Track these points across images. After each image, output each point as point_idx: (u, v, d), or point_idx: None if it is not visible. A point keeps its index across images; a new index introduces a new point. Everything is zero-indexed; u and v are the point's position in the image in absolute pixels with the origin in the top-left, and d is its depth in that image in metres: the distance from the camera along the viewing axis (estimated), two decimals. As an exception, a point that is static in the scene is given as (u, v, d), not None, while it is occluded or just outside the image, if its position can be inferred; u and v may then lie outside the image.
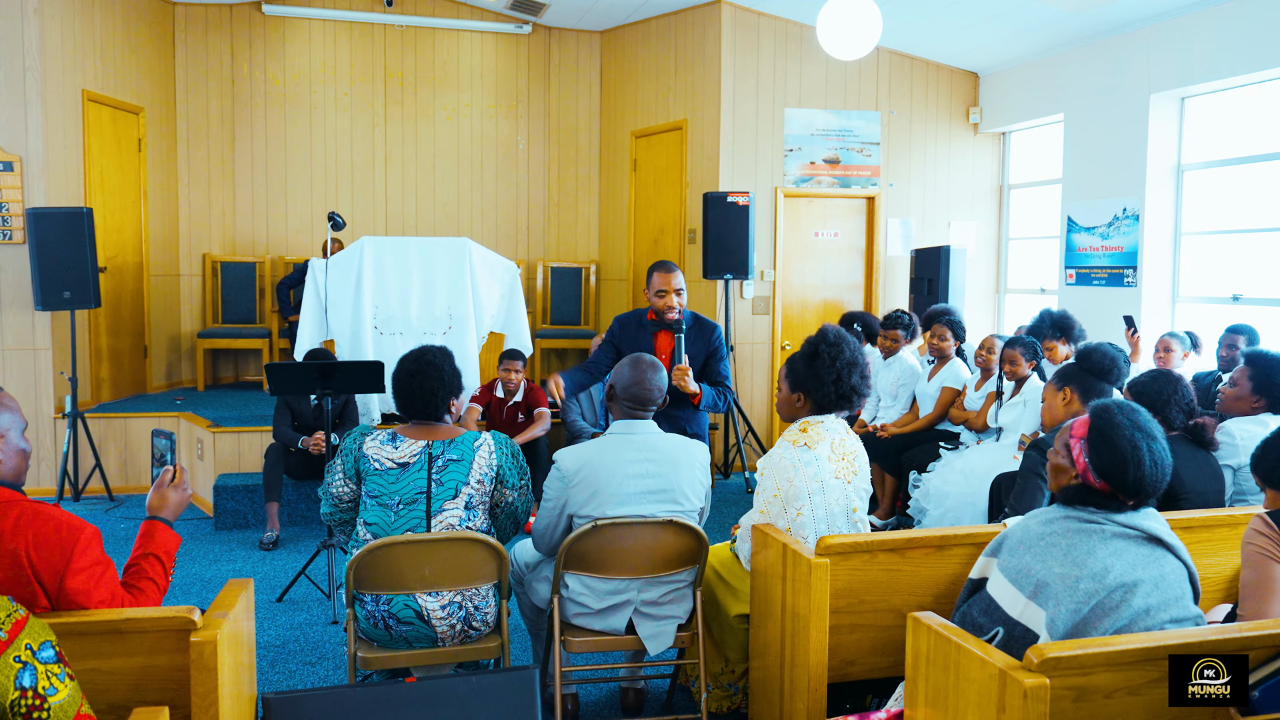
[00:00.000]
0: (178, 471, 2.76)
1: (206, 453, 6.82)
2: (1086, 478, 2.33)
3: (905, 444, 5.99)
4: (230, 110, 9.00)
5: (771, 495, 3.25)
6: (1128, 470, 2.27)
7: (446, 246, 6.86)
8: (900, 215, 8.64)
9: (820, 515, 3.21)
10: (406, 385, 3.32)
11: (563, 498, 3.31)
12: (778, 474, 3.24)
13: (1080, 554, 2.25)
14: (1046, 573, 2.27)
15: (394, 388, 3.36)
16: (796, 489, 3.20)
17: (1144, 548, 2.27)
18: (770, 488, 3.26)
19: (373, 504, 3.23)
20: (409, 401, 3.32)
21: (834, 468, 3.26)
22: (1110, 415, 2.33)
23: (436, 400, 3.31)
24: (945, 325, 6.15)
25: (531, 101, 9.64)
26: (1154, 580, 2.23)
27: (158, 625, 2.32)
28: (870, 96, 8.47)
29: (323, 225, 8.92)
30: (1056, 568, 2.26)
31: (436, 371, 3.33)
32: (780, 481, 3.23)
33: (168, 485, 2.73)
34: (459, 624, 3.20)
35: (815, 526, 3.20)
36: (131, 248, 8.17)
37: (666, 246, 8.78)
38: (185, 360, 8.96)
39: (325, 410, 5.10)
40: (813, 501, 3.21)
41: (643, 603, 3.34)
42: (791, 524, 3.20)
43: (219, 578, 5.42)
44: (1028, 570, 2.31)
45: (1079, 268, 7.62)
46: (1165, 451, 2.31)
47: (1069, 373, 3.70)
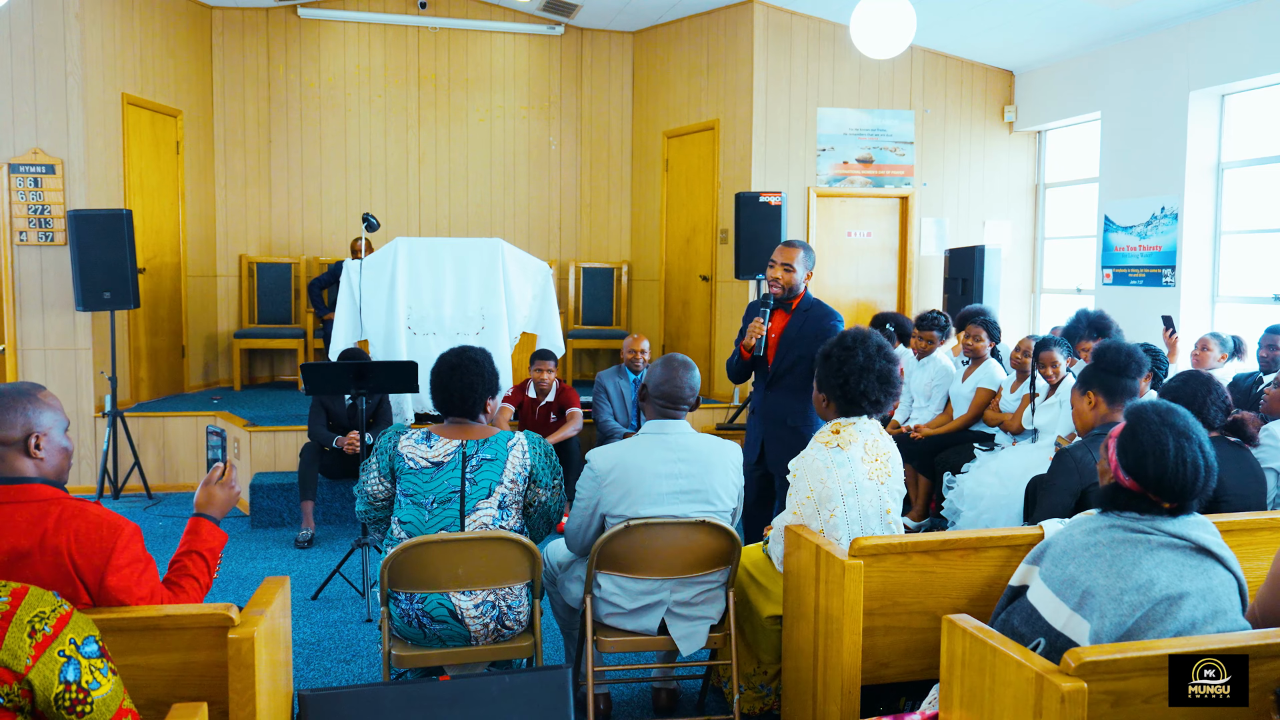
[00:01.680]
0: (227, 469, 2.79)
1: (243, 452, 6.90)
2: (1118, 476, 2.32)
3: (939, 445, 5.95)
4: (266, 113, 9.09)
5: (804, 497, 3.24)
6: (1148, 463, 2.25)
7: (479, 247, 6.89)
8: (934, 215, 8.58)
9: (854, 517, 3.19)
10: (446, 379, 3.34)
11: (595, 497, 3.31)
12: (810, 476, 3.23)
13: (1125, 565, 2.22)
14: (1091, 584, 2.23)
15: (432, 382, 3.38)
16: (829, 490, 3.18)
17: (1192, 558, 2.23)
18: (803, 489, 3.25)
19: (407, 503, 3.26)
20: (446, 396, 3.34)
21: (867, 469, 3.25)
22: (1143, 413, 2.32)
23: (475, 396, 3.33)
24: (980, 326, 6.10)
25: (564, 102, 9.66)
26: (1201, 592, 2.19)
27: (196, 622, 2.34)
28: (904, 95, 8.41)
29: (357, 226, 8.99)
30: (1101, 579, 2.22)
31: (477, 368, 3.35)
32: (813, 483, 3.22)
33: (215, 483, 2.76)
34: (492, 623, 3.21)
35: (848, 528, 3.18)
36: (170, 249, 8.27)
37: (698, 247, 8.77)
38: (222, 360, 9.06)
39: (360, 410, 5.14)
40: (845, 503, 3.19)
41: (675, 603, 3.34)
42: (824, 526, 3.19)
43: (255, 575, 5.48)
44: (1072, 581, 2.28)
45: (1116, 267, 7.53)
46: (1201, 453, 2.27)
47: (1088, 375, 3.66)
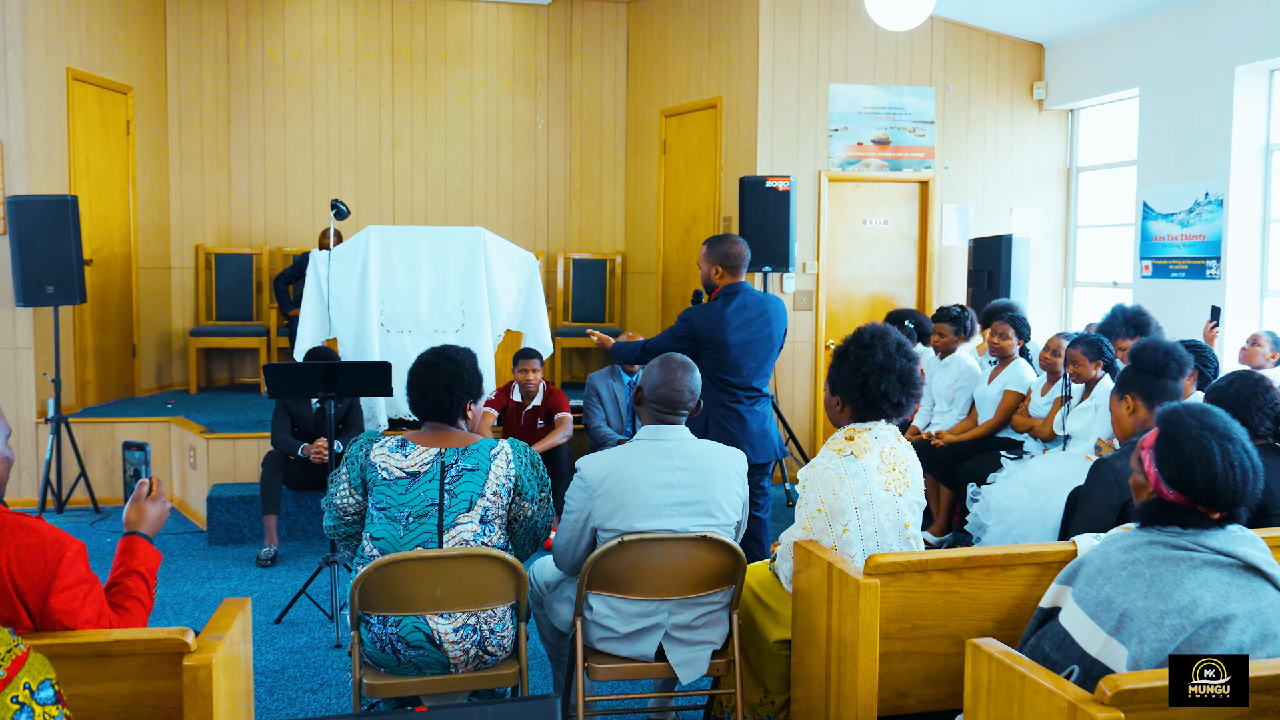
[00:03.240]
0: (154, 484, 2.79)
1: (199, 461, 6.89)
2: (1160, 490, 2.32)
3: (963, 453, 5.95)
4: (225, 90, 9.08)
5: (815, 509, 3.24)
6: (1195, 472, 2.25)
7: (459, 236, 6.89)
8: (957, 201, 8.58)
9: (869, 531, 3.19)
10: (423, 380, 3.34)
11: (586, 510, 3.31)
12: (821, 486, 3.22)
13: (1166, 585, 2.21)
14: (1129, 606, 2.23)
15: (408, 383, 3.38)
16: (842, 503, 3.18)
17: (1239, 577, 2.22)
18: (813, 501, 3.25)
19: (380, 517, 3.25)
20: (423, 399, 3.34)
21: (884, 479, 3.24)
22: (1177, 418, 2.32)
23: (451, 399, 3.33)
24: (1007, 322, 6.10)
25: (552, 78, 9.66)
26: (1249, 614, 2.18)
27: (149, 648, 2.34)
28: (924, 71, 8.42)
29: (325, 214, 8.98)
30: (1140, 601, 2.22)
31: (456, 368, 3.35)
32: (825, 494, 3.21)
33: (145, 498, 2.76)
34: (473, 648, 3.21)
35: (863, 544, 3.18)
36: (119, 238, 8.26)
37: (699, 236, 8.77)
38: (176, 360, 9.05)
39: (328, 415, 5.14)
40: (860, 516, 3.19)
41: (674, 626, 3.34)
42: (837, 541, 3.18)
43: (213, 597, 5.47)
44: (1108, 603, 2.27)
45: (1155, 258, 7.54)
46: (1246, 453, 2.27)
47: (1125, 377, 3.65)
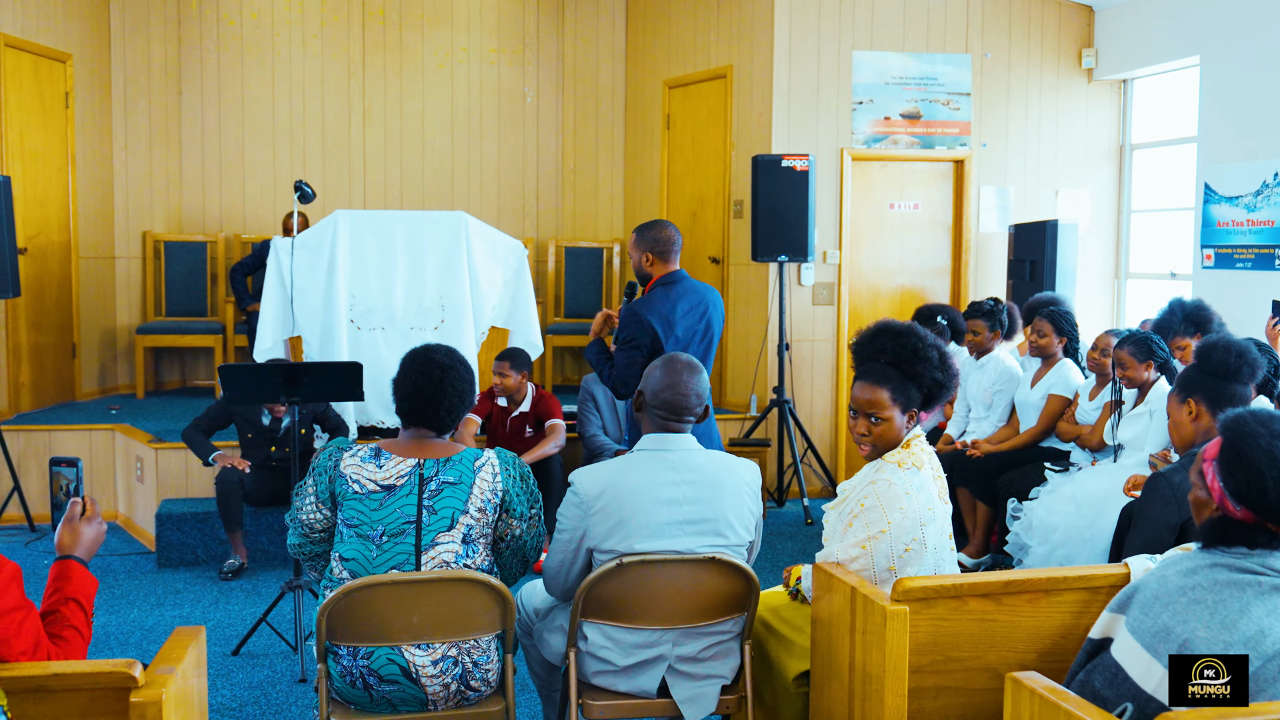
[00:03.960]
0: (87, 503, 2.79)
1: (147, 474, 6.89)
2: (1225, 506, 2.32)
3: (1001, 465, 5.95)
4: (176, 58, 9.09)
5: (879, 530, 3.17)
6: (1267, 486, 2.25)
7: (438, 222, 6.89)
8: (996, 183, 8.59)
9: (931, 549, 3.20)
10: (418, 380, 3.33)
11: (580, 528, 3.32)
12: (888, 504, 3.17)
13: (1230, 613, 2.21)
14: (1190, 636, 2.23)
15: (400, 377, 3.37)
16: (909, 521, 3.18)
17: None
18: (877, 522, 3.18)
19: (350, 535, 3.26)
20: (413, 393, 3.33)
21: (938, 488, 3.29)
22: (1243, 425, 2.33)
23: (453, 406, 3.34)
24: (1047, 319, 6.11)
25: (542, 45, 9.67)
26: None
27: (92, 682, 2.34)
28: (959, 36, 8.43)
29: (288, 197, 8.99)
30: (1201, 630, 2.22)
31: (467, 373, 3.38)
32: (891, 514, 3.17)
33: (79, 519, 2.76)
34: (454, 683, 3.21)
35: (934, 560, 3.20)
36: (57, 225, 8.27)
37: (707, 222, 8.78)
38: (122, 361, 9.06)
39: (293, 423, 5.14)
40: (925, 533, 3.19)
41: (678, 658, 3.34)
42: (896, 563, 3.17)
43: (163, 625, 5.48)
44: (1166, 632, 2.28)
45: (1218, 247, 7.55)
46: None
47: (1189, 379, 3.65)
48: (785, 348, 7.85)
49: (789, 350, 7.99)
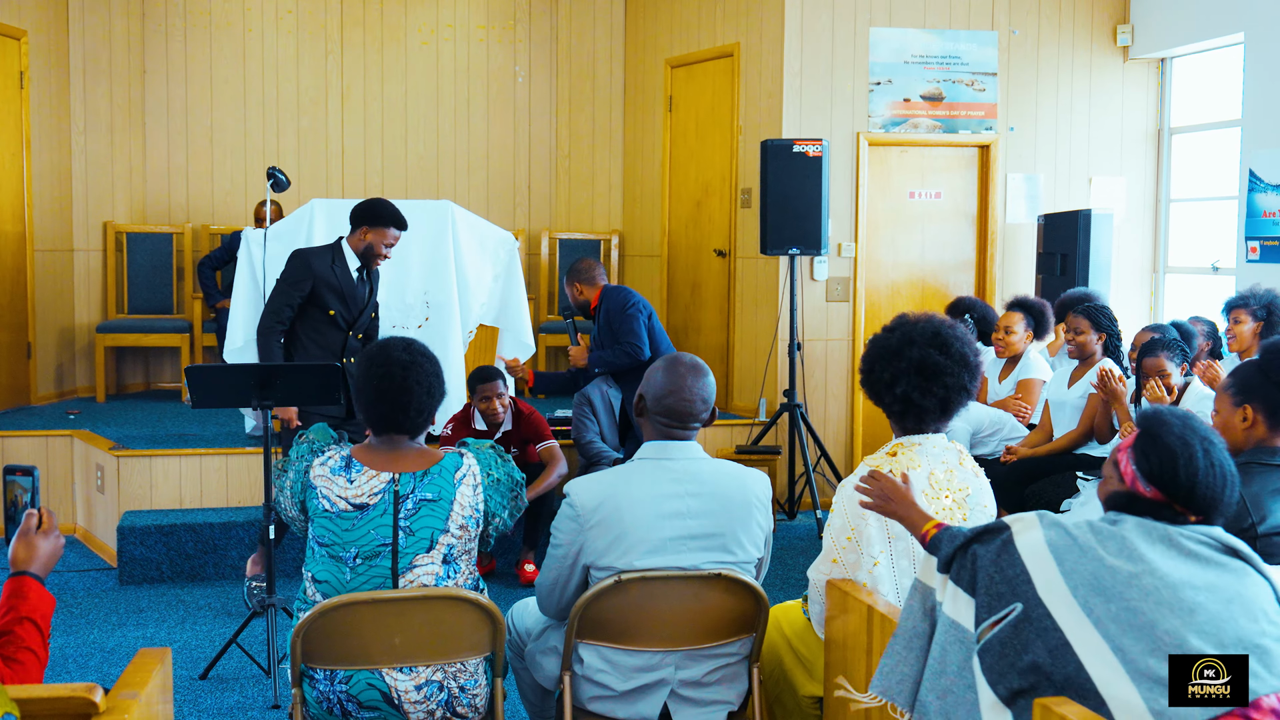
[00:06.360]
0: (44, 515, 2.79)
1: (108, 483, 6.89)
2: (1136, 487, 2.53)
3: (1030, 473, 5.93)
4: (139, 34, 9.09)
5: (844, 537, 3.24)
6: (1178, 466, 2.47)
7: (422, 213, 6.88)
8: (1024, 169, 8.60)
9: (903, 567, 3.20)
10: (377, 379, 3.31)
11: (576, 543, 3.31)
12: (848, 507, 3.22)
13: (1135, 552, 2.43)
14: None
15: (357, 385, 3.37)
16: (870, 532, 3.19)
17: (1219, 555, 2.44)
18: (840, 526, 3.25)
19: (322, 554, 3.26)
20: (377, 398, 3.32)
21: (931, 506, 3.22)
22: (1159, 415, 2.60)
23: (418, 404, 3.33)
24: (1082, 315, 6.11)
25: (534, 21, 9.67)
26: (1209, 585, 2.38)
27: (50, 708, 2.34)
28: (984, 12, 8.43)
29: (260, 185, 8.99)
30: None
31: (431, 364, 3.37)
32: (853, 519, 3.21)
33: (35, 532, 2.76)
34: (439, 709, 3.22)
35: (895, 582, 3.19)
36: (11, 215, 8.27)
37: (712, 212, 8.79)
38: (81, 361, 9.06)
39: (265, 428, 5.14)
40: (893, 548, 3.20)
41: (681, 683, 3.34)
42: (868, 577, 3.19)
43: (126, 647, 5.48)
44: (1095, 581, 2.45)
45: (1264, 239, 7.55)
46: (1227, 460, 2.52)
47: (1250, 383, 3.60)
48: (797, 348, 7.82)
49: (801, 351, 7.97)
